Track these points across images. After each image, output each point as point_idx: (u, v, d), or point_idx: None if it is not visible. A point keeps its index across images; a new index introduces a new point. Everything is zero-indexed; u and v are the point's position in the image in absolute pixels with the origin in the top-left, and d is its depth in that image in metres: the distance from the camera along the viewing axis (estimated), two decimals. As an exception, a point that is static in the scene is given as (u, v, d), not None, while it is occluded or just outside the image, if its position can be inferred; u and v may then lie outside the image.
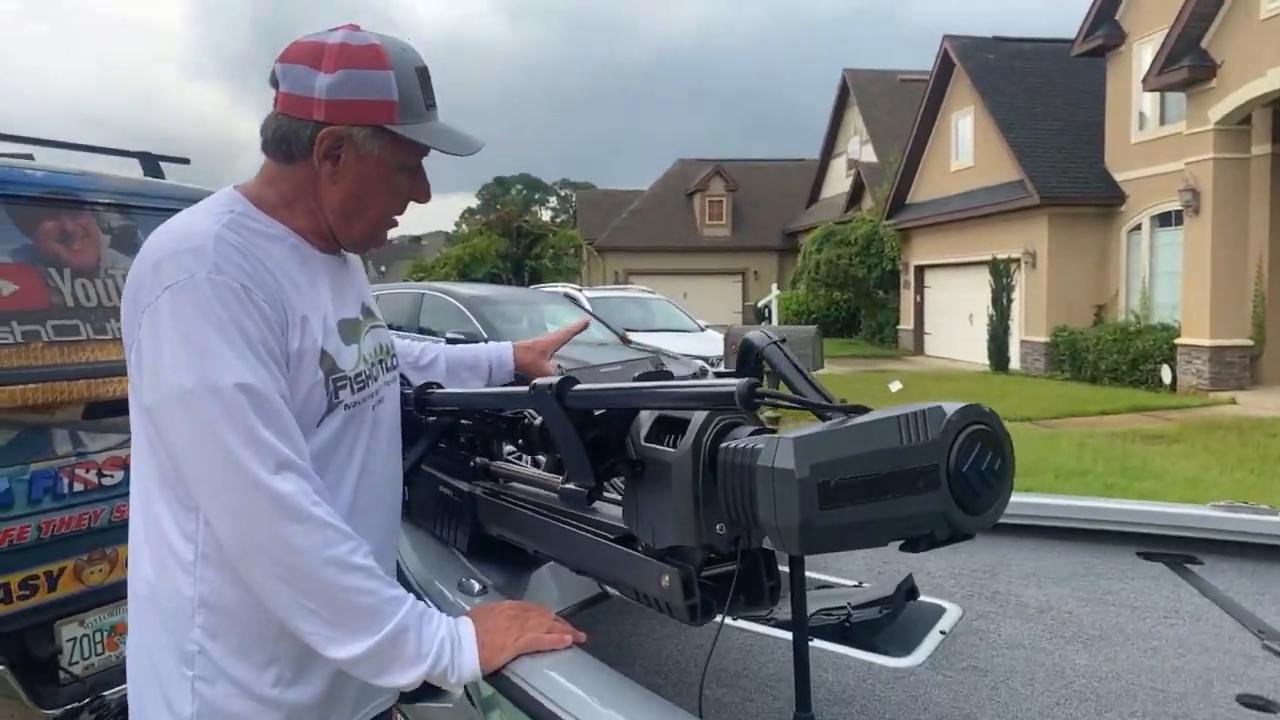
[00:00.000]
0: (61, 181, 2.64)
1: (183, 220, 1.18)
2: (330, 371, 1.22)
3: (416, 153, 1.26)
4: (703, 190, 33.42)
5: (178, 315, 1.08)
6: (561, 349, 6.52)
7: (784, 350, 1.14)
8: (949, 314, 20.07)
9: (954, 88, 19.92)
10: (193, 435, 1.08)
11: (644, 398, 1.06)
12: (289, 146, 1.21)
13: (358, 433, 1.28)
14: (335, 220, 1.26)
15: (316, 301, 1.23)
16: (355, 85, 1.17)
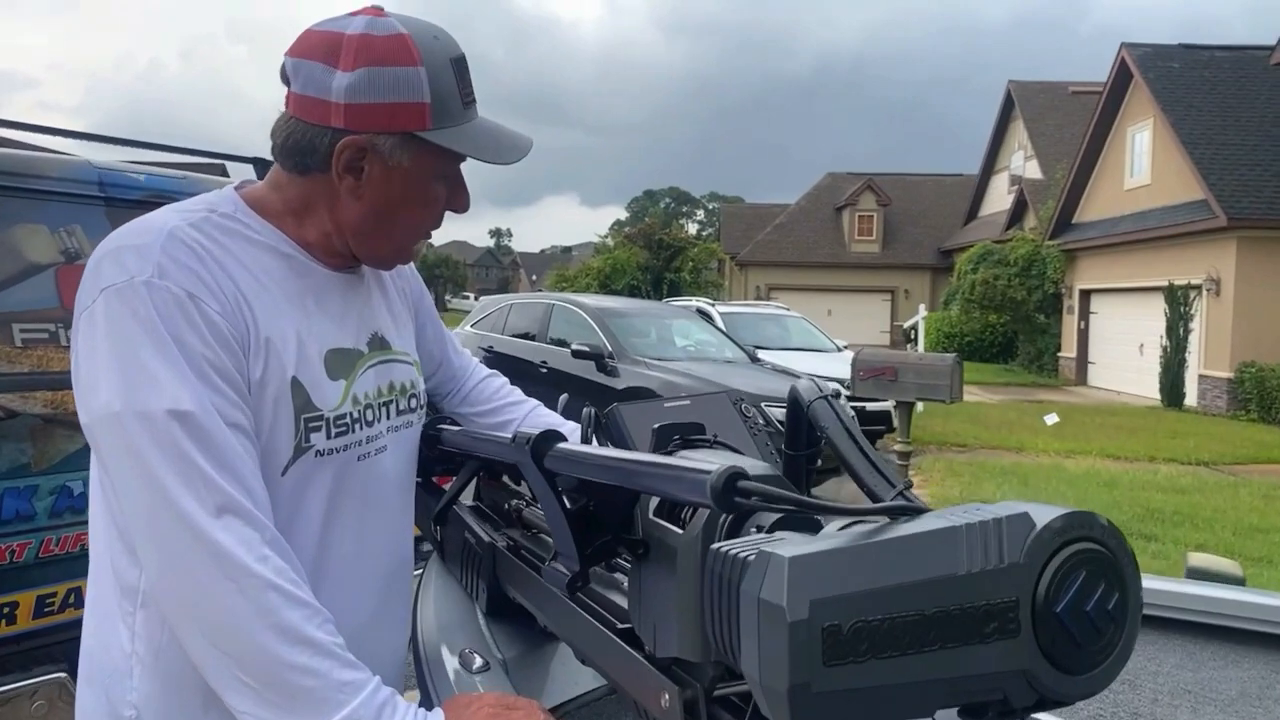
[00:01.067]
0: (162, 185, 2.65)
1: (149, 215, 1.02)
2: (302, 408, 1.02)
3: (454, 159, 1.08)
4: (852, 204, 32.52)
5: (111, 324, 0.92)
6: (687, 364, 6.36)
7: (836, 408, 0.87)
8: (1116, 342, 18.57)
9: (1131, 99, 18.49)
10: (122, 465, 0.91)
11: (619, 473, 0.81)
12: (303, 157, 1.04)
13: (337, 487, 1.08)
14: (355, 239, 1.08)
15: (297, 324, 1.04)
16: (380, 86, 0.99)
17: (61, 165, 2.45)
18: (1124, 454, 10.09)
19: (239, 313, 0.97)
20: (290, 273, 1.06)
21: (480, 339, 9.49)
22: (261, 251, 1.04)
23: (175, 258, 0.94)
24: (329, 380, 1.07)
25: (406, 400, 1.21)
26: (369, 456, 1.13)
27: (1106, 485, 8.04)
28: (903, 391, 4.56)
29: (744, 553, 0.63)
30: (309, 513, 1.05)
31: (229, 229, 1.03)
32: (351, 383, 1.10)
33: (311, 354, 1.05)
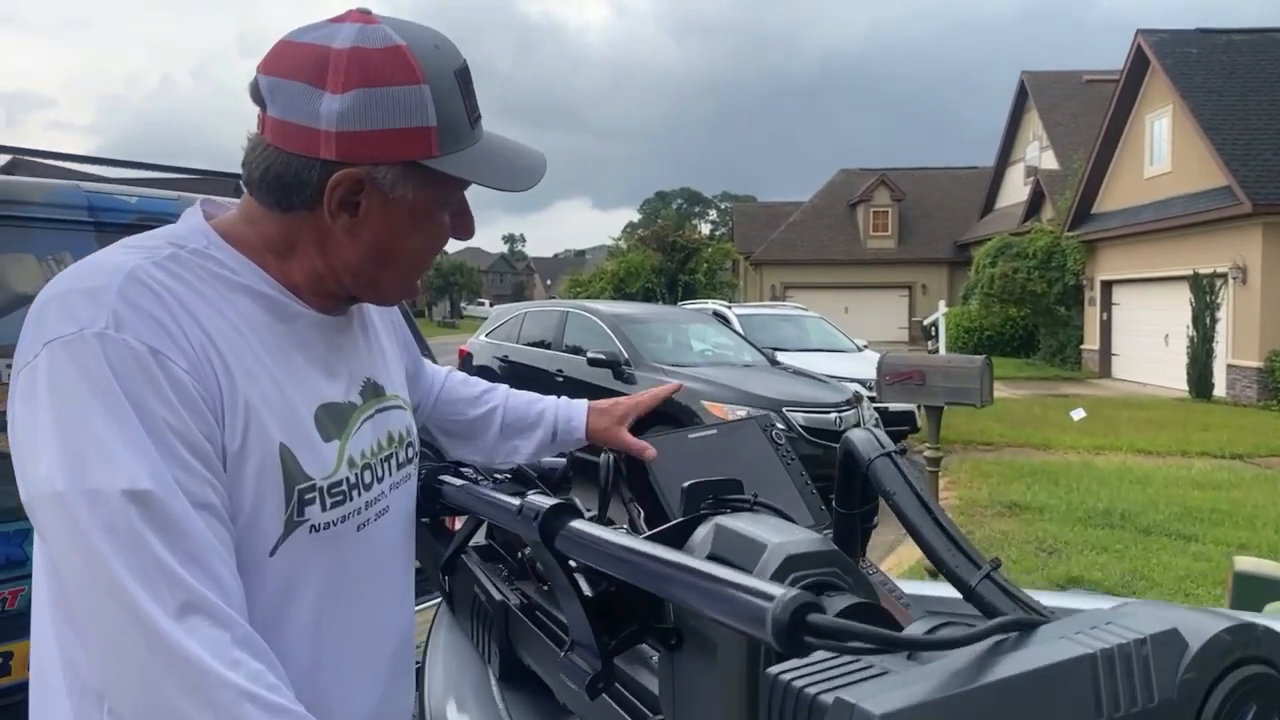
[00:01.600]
0: (155, 207, 2.53)
1: (103, 252, 0.87)
2: (293, 478, 0.88)
3: (462, 186, 0.95)
4: (867, 200, 32.25)
5: (56, 384, 0.76)
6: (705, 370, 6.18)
7: (903, 466, 0.73)
8: (1140, 334, 18.25)
9: (1149, 86, 18.17)
10: (67, 554, 0.76)
11: (649, 576, 0.66)
12: (287, 194, 0.89)
13: (335, 564, 0.93)
14: (352, 280, 0.95)
15: (281, 379, 0.89)
16: (378, 110, 0.85)
17: (47, 190, 2.34)
18: (1155, 449, 9.84)
19: (211, 371, 0.83)
20: (272, 318, 0.91)
21: (495, 348, 9.39)
22: (238, 294, 0.89)
23: (135, 304, 0.79)
24: (322, 442, 0.92)
25: (405, 450, 1.07)
26: (370, 524, 0.98)
27: (1139, 483, 7.82)
28: (931, 396, 4.40)
29: (814, 687, 0.49)
30: (304, 596, 0.91)
31: (200, 268, 0.87)
32: (346, 442, 0.95)
33: (301, 414, 0.90)
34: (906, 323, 30.95)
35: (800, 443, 6.61)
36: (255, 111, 0.90)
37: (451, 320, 52.69)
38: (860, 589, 0.71)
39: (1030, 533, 6.26)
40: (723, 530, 0.75)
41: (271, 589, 0.87)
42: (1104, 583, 5.19)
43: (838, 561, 0.70)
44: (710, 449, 1.51)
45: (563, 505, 0.77)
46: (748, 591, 0.53)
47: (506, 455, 1.32)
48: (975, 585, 0.63)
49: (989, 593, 0.63)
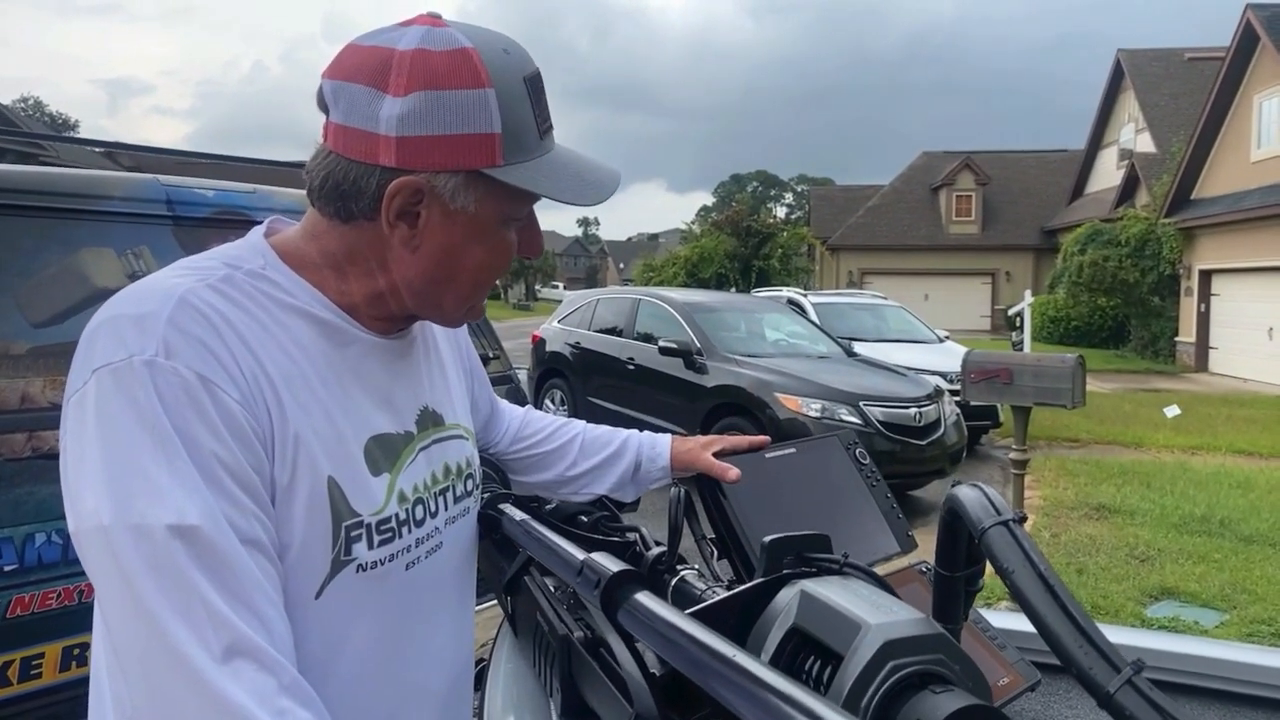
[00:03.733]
0: (232, 200, 2.55)
1: (158, 274, 0.83)
2: (341, 515, 0.83)
3: (529, 200, 0.89)
4: (949, 184, 31.38)
5: (103, 413, 0.73)
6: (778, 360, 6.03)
7: (1021, 538, 0.63)
8: (1241, 326, 17.33)
9: (1258, 64, 17.17)
10: (111, 589, 0.72)
11: (721, 681, 0.57)
12: (345, 202, 0.85)
13: (383, 604, 0.88)
14: (413, 298, 0.89)
15: (333, 410, 0.85)
16: (440, 115, 0.80)
17: (127, 184, 2.37)
18: (1257, 450, 9.30)
19: (262, 401, 0.78)
20: (328, 344, 0.87)
21: (568, 335, 9.38)
22: (294, 318, 0.85)
23: (185, 331, 0.75)
24: (370, 477, 0.87)
25: (464, 483, 1.02)
26: (420, 561, 0.93)
27: (1240, 487, 7.39)
28: (1019, 396, 4.19)
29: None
30: (350, 640, 0.86)
31: (255, 291, 0.83)
32: (396, 476, 0.90)
33: (351, 446, 0.85)
34: (989, 311, 30.07)
35: (877, 438, 6.43)
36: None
37: (526, 303, 53.26)
38: (968, 677, 0.62)
39: (1121, 538, 5.97)
40: (810, 600, 0.67)
41: (317, 632, 0.82)
42: (1201, 595, 4.91)
43: (943, 647, 0.61)
44: (790, 470, 1.42)
45: (628, 573, 0.70)
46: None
47: (583, 488, 1.27)
48: (1113, 692, 0.53)
49: (1130, 702, 0.53)
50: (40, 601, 2.03)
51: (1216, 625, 4.55)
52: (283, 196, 2.70)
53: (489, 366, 3.27)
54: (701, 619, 0.67)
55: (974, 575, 0.76)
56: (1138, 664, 0.54)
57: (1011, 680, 1.26)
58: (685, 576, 0.94)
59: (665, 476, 1.30)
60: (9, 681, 1.99)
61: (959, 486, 0.70)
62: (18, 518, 1.99)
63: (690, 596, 0.89)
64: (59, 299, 2.14)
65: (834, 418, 6.56)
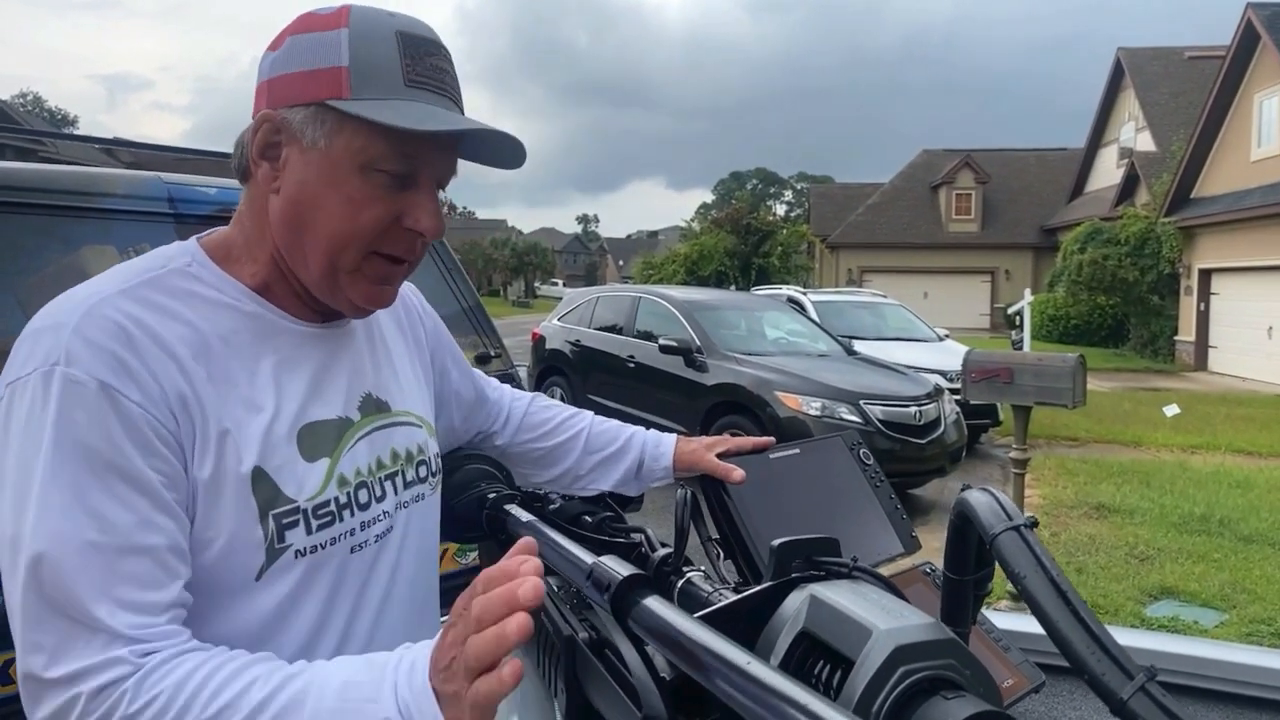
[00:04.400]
0: (232, 198, 2.54)
1: (81, 285, 0.85)
2: (269, 503, 0.84)
3: (392, 147, 0.84)
4: (949, 183, 31.38)
5: (8, 428, 0.76)
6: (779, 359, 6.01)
7: (1033, 544, 0.63)
8: (1241, 325, 17.34)
9: (1259, 63, 17.16)
10: (11, 600, 0.75)
11: (735, 686, 0.57)
12: (239, 157, 0.91)
13: (331, 589, 0.90)
14: (284, 250, 0.88)
15: (264, 399, 0.86)
16: (296, 54, 0.86)
17: (129, 181, 2.36)
18: (1256, 449, 9.31)
19: (179, 402, 0.80)
20: (253, 336, 0.88)
21: (567, 332, 9.38)
22: (219, 312, 0.87)
23: (90, 340, 0.77)
24: (304, 462, 0.88)
25: (415, 469, 1.02)
26: (366, 545, 0.94)
27: (1239, 486, 7.40)
28: (1020, 395, 4.18)
29: None
30: (296, 620, 0.87)
31: (180, 290, 0.86)
32: (337, 460, 0.91)
33: (279, 434, 0.86)
34: (988, 309, 30.09)
35: (877, 437, 6.43)
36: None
37: (525, 300, 53.20)
38: (979, 682, 0.62)
39: (1120, 537, 5.97)
40: (820, 604, 0.67)
41: (262, 614, 0.85)
42: (1200, 594, 4.92)
43: (954, 652, 0.61)
44: (793, 471, 1.42)
45: (638, 577, 0.69)
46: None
47: (588, 484, 1.28)
48: (1127, 699, 0.53)
49: (1143, 709, 0.53)
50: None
51: (1216, 625, 4.55)
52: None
53: (490, 364, 3.27)
54: (710, 622, 0.67)
55: (982, 579, 0.76)
56: (1151, 670, 0.54)
57: (1016, 682, 1.26)
58: (692, 578, 0.94)
59: (668, 476, 1.30)
60: (9, 680, 1.99)
61: (969, 491, 0.69)
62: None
63: (697, 599, 0.89)
64: (60, 297, 2.14)
65: (834, 416, 6.56)
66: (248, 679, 0.70)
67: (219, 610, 0.82)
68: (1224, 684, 1.42)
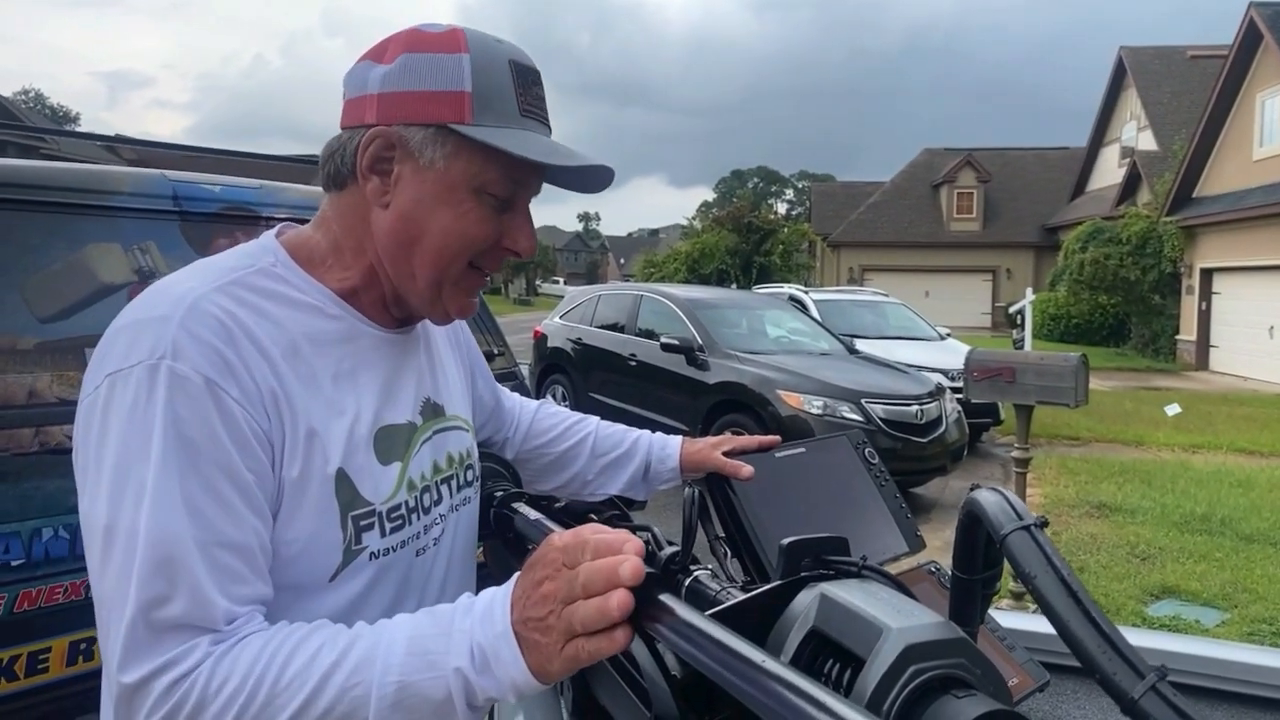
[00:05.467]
0: (237, 196, 2.54)
1: (175, 276, 0.86)
2: (349, 505, 0.85)
3: (504, 173, 0.87)
4: (951, 181, 31.36)
5: (108, 419, 0.76)
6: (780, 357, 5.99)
7: (1044, 544, 0.63)
8: (1242, 325, 17.33)
9: (1261, 62, 17.14)
10: (96, 583, 0.76)
11: (748, 683, 0.57)
12: (337, 166, 0.90)
13: (396, 591, 0.91)
14: (390, 263, 0.90)
15: (343, 403, 0.87)
16: (415, 72, 0.86)
17: (135, 179, 2.36)
18: (1258, 448, 9.30)
19: (272, 402, 0.81)
20: (336, 338, 0.90)
21: (569, 330, 9.38)
22: (305, 314, 0.88)
23: (196, 335, 0.78)
24: (380, 466, 0.89)
25: (464, 472, 1.04)
26: (428, 549, 0.96)
27: (1240, 486, 7.40)
28: (1022, 394, 4.18)
29: None
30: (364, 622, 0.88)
31: (268, 290, 0.87)
32: (406, 465, 0.93)
33: (359, 437, 0.88)
34: (989, 308, 30.07)
35: (879, 435, 6.43)
36: (338, 89, 0.93)
37: (527, 298, 53.21)
38: (989, 681, 0.62)
39: (1121, 536, 5.97)
40: (830, 602, 0.67)
41: (330, 615, 0.84)
42: (1202, 594, 4.92)
43: (964, 651, 0.61)
44: (799, 470, 1.42)
45: (650, 576, 0.69)
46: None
47: (596, 489, 1.29)
48: (1138, 698, 0.53)
49: (1154, 708, 0.53)
50: (47, 596, 2.03)
51: (1217, 624, 4.56)
52: (289, 192, 2.70)
53: (493, 363, 3.27)
54: (720, 621, 0.67)
55: (991, 579, 0.76)
56: (1162, 670, 0.54)
57: (1021, 681, 1.27)
58: (699, 577, 0.94)
59: (675, 477, 1.31)
60: (16, 676, 1.99)
61: (979, 490, 0.70)
62: (25, 512, 2.00)
63: (705, 597, 0.89)
64: (66, 294, 2.14)
65: (835, 415, 6.56)
66: (315, 644, 0.72)
67: (289, 610, 0.82)
68: (1225, 683, 1.43)
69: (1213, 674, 1.43)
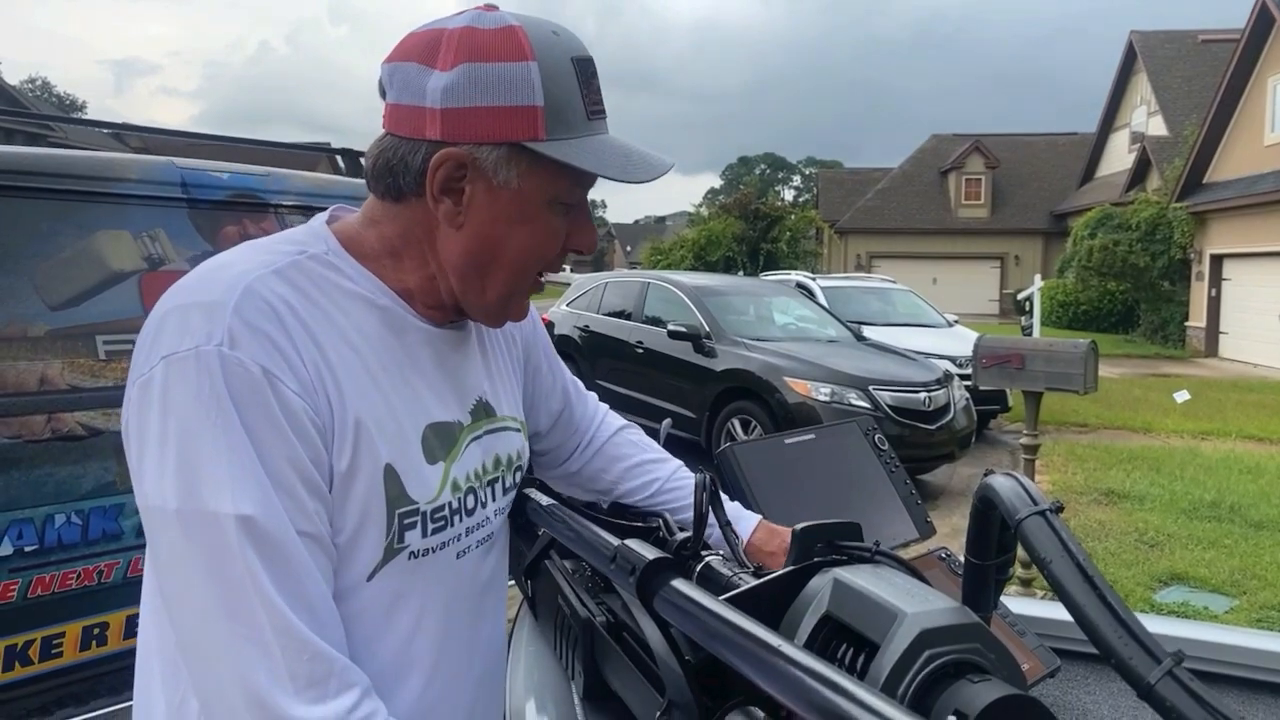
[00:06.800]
0: (245, 183, 2.54)
1: (227, 256, 0.84)
2: (396, 501, 0.84)
3: (574, 181, 0.86)
4: (959, 167, 31.19)
5: (168, 402, 0.74)
6: (787, 345, 5.95)
7: (1059, 528, 0.63)
8: (1253, 311, 17.23)
9: (1273, 47, 16.98)
10: (171, 567, 0.75)
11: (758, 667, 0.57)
12: (396, 178, 0.86)
13: (432, 592, 0.90)
14: (458, 281, 0.89)
15: (391, 396, 0.86)
16: (482, 86, 0.81)
17: (143, 166, 2.36)
18: (1268, 435, 9.27)
19: (323, 391, 0.80)
20: (387, 331, 0.88)
21: (576, 318, 9.38)
22: (356, 304, 0.86)
23: (251, 322, 0.77)
24: (426, 464, 0.88)
25: (513, 475, 1.03)
26: (470, 551, 0.94)
27: (1249, 473, 7.38)
28: (1031, 381, 4.17)
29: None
30: (397, 623, 0.87)
31: (320, 277, 0.85)
32: (451, 464, 0.91)
33: (408, 433, 0.87)
34: (998, 295, 29.98)
35: (886, 422, 6.43)
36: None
37: (533, 285, 53.05)
38: (1004, 667, 0.62)
39: (1130, 523, 5.96)
40: (843, 587, 0.67)
41: (366, 614, 0.84)
42: (1210, 580, 4.91)
43: (979, 636, 0.61)
44: (809, 456, 1.42)
45: (664, 561, 0.70)
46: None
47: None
48: (1154, 683, 0.53)
49: (1170, 693, 0.53)
50: (60, 582, 2.04)
51: (1226, 611, 4.55)
52: (297, 179, 2.69)
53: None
54: (733, 605, 0.67)
55: (1004, 564, 0.76)
56: (1178, 655, 0.54)
57: (1032, 666, 1.27)
58: (710, 562, 0.94)
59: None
60: (30, 660, 2.01)
61: (993, 475, 0.69)
62: (38, 499, 2.01)
63: (717, 582, 0.89)
64: (76, 281, 2.15)
65: (843, 402, 6.55)
66: None
67: None
68: (1234, 669, 1.42)
69: (1221, 659, 1.43)
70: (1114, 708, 1.35)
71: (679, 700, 0.71)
